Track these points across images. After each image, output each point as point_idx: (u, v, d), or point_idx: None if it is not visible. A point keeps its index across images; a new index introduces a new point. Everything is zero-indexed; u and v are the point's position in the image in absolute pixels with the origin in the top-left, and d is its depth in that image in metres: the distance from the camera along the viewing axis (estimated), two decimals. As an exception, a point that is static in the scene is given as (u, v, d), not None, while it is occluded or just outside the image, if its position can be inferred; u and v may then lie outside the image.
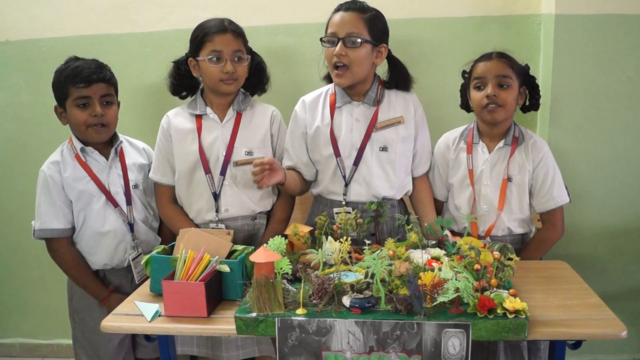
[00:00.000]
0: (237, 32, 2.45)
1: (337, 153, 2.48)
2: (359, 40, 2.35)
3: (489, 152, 2.50)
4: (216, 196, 2.49)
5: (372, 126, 2.47)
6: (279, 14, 2.96)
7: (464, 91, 2.61)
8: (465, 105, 2.62)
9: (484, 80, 2.43)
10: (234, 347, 2.36)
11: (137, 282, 2.50)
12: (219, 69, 2.41)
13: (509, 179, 2.46)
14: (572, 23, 2.69)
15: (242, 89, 2.58)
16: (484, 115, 2.46)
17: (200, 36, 2.42)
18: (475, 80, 2.47)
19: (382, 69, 2.58)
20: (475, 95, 2.46)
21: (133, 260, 2.51)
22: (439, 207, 2.66)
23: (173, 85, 2.58)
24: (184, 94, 2.60)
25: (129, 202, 2.56)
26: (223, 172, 2.48)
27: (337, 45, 2.36)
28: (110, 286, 2.56)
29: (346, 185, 2.50)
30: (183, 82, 2.56)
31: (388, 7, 2.48)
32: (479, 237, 2.44)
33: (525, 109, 2.57)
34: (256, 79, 2.61)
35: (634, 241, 2.89)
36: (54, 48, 3.06)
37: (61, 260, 2.55)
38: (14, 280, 3.45)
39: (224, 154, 2.48)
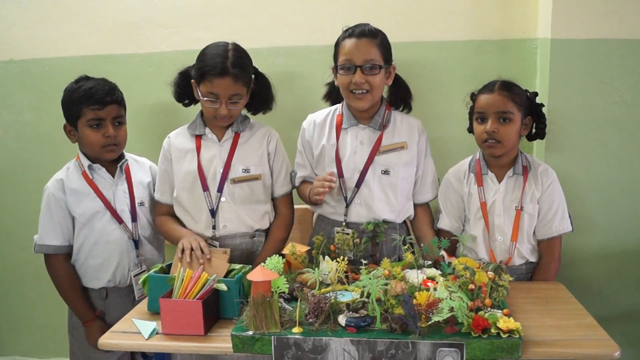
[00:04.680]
0: (238, 76, 2.40)
1: (340, 174, 2.52)
2: (377, 66, 2.41)
3: (499, 182, 2.50)
4: (213, 213, 2.50)
5: (376, 150, 2.51)
6: (280, 36, 3.00)
7: (471, 115, 2.58)
8: (472, 129, 2.59)
9: (484, 115, 2.43)
10: None
11: (136, 299, 2.52)
12: (214, 110, 2.43)
13: (522, 209, 2.45)
14: (567, 47, 2.71)
15: (243, 110, 2.60)
16: (484, 149, 2.47)
17: (202, 71, 2.40)
18: (477, 113, 2.47)
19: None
20: (477, 128, 2.46)
21: (135, 276, 2.53)
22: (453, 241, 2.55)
23: (177, 93, 2.60)
24: (186, 101, 2.62)
25: (134, 219, 2.58)
26: (220, 189, 2.50)
27: (354, 72, 2.40)
28: (97, 311, 2.58)
29: (347, 206, 2.53)
30: (186, 91, 2.57)
31: (387, 30, 2.51)
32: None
33: (530, 138, 2.57)
34: (261, 100, 2.61)
35: (631, 263, 2.89)
36: (57, 67, 3.10)
37: (55, 276, 2.58)
38: (12, 298, 3.46)
39: (221, 171, 2.50)
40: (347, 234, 2.48)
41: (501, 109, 2.39)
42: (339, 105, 2.62)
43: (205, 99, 2.42)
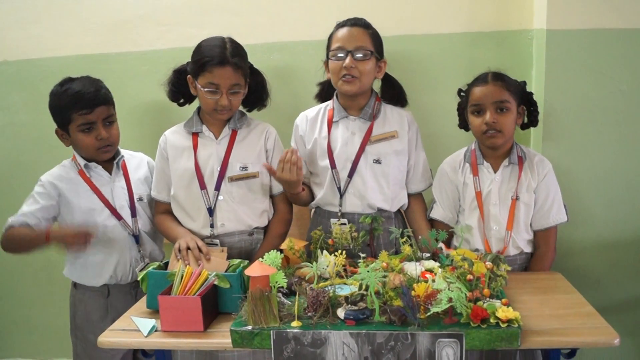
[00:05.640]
0: (238, 65, 2.43)
1: (332, 165, 2.54)
2: (368, 53, 2.43)
3: (495, 172, 2.50)
4: (211, 211, 2.51)
5: (367, 139, 2.53)
6: (275, 32, 2.99)
7: (461, 111, 2.60)
8: (464, 125, 2.62)
9: (481, 107, 2.43)
10: None
11: (144, 292, 2.52)
12: (214, 101, 2.43)
13: (517, 198, 2.46)
14: (563, 38, 2.71)
15: (240, 107, 2.61)
16: (484, 140, 2.47)
17: (201, 63, 2.41)
18: (473, 106, 2.46)
19: (375, 84, 2.63)
20: (474, 121, 2.46)
21: (140, 271, 2.52)
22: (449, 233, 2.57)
23: (171, 92, 2.61)
24: (181, 101, 2.63)
25: (133, 214, 2.58)
26: (217, 187, 2.50)
27: (345, 58, 2.42)
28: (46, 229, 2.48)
29: (341, 196, 2.54)
30: (181, 90, 2.58)
31: (382, 24, 2.51)
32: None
33: (523, 127, 2.58)
34: (256, 97, 2.63)
35: (629, 253, 2.89)
36: (52, 67, 3.09)
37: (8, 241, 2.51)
38: (13, 300, 3.46)
39: (219, 169, 2.50)
40: (344, 224, 2.50)
41: (498, 99, 2.40)
42: (329, 102, 2.64)
43: (205, 89, 2.42)
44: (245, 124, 2.60)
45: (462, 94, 2.58)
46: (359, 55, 2.42)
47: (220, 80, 2.40)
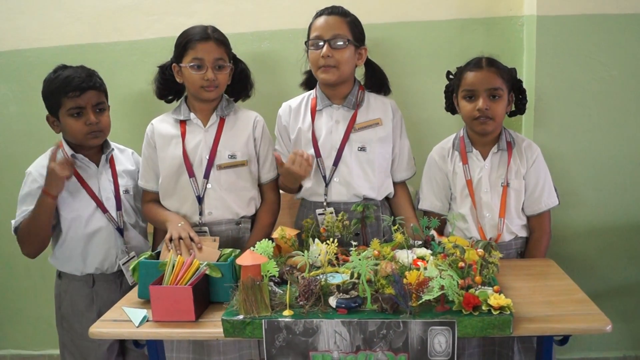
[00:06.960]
0: (220, 40, 2.48)
1: (317, 154, 2.54)
2: (345, 41, 2.43)
3: (484, 159, 2.50)
4: (200, 199, 2.50)
5: (351, 127, 2.54)
6: (264, 21, 2.98)
7: (449, 94, 2.60)
8: (450, 108, 2.61)
9: (474, 92, 2.41)
10: (215, 352, 2.36)
11: (130, 285, 2.51)
12: (200, 76, 2.43)
13: (508, 185, 2.46)
14: (554, 24, 2.71)
15: (225, 95, 2.60)
16: (474, 126, 2.45)
17: (184, 43, 2.45)
18: (465, 91, 2.45)
19: (359, 72, 2.62)
20: (466, 106, 2.45)
21: (124, 264, 2.52)
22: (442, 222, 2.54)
23: (158, 90, 2.62)
24: (169, 97, 2.64)
25: (119, 207, 2.57)
26: (206, 176, 2.50)
27: (322, 47, 2.42)
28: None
29: (327, 185, 2.55)
30: (168, 86, 2.59)
31: (372, 11, 2.51)
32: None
33: (511, 114, 2.57)
34: (240, 86, 2.64)
35: (622, 239, 2.90)
36: (40, 58, 3.07)
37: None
38: (4, 292, 3.45)
39: (207, 157, 2.50)
40: (332, 213, 2.50)
41: (492, 86, 2.39)
42: (312, 91, 2.65)
43: (190, 65, 2.43)
44: (233, 111, 2.60)
45: (451, 76, 2.57)
46: (336, 43, 2.43)
47: (204, 54, 2.43)
